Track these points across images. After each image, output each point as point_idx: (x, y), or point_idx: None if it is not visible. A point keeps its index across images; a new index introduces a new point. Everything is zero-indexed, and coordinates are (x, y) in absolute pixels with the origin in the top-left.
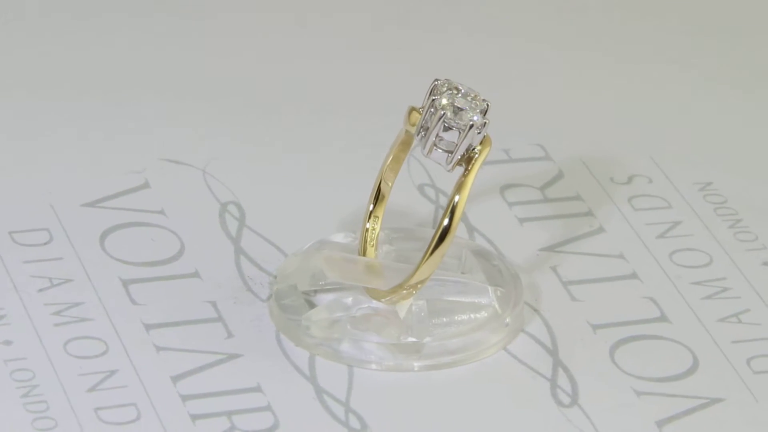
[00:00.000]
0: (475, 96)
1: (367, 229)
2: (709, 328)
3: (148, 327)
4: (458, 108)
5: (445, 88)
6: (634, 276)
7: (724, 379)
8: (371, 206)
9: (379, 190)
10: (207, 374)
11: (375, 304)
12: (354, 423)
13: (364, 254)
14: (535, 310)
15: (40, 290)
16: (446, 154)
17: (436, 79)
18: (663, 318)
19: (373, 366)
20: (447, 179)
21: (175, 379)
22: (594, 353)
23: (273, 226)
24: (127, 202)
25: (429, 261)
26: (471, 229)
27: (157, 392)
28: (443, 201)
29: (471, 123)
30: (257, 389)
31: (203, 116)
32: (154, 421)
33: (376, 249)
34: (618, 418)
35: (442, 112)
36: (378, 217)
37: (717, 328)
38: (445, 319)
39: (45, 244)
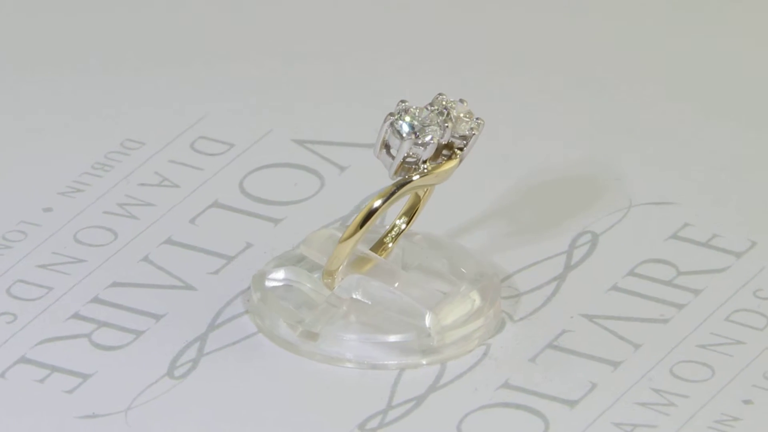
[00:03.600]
0: (461, 119)
1: (393, 227)
2: (595, 426)
3: (165, 242)
4: (414, 120)
5: (436, 102)
6: (616, 365)
7: None
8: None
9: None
10: (138, 291)
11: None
12: (180, 371)
13: (376, 248)
14: (485, 354)
15: (127, 194)
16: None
17: (440, 94)
18: (573, 403)
19: (273, 341)
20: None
21: (114, 285)
22: (461, 405)
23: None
24: (330, 152)
25: (336, 252)
26: (563, 285)
27: (78, 293)
28: (584, 244)
29: (409, 138)
30: (155, 317)
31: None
32: (30, 312)
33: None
34: None
35: (392, 118)
36: (407, 219)
37: (600, 428)
38: (362, 325)
39: (210, 154)
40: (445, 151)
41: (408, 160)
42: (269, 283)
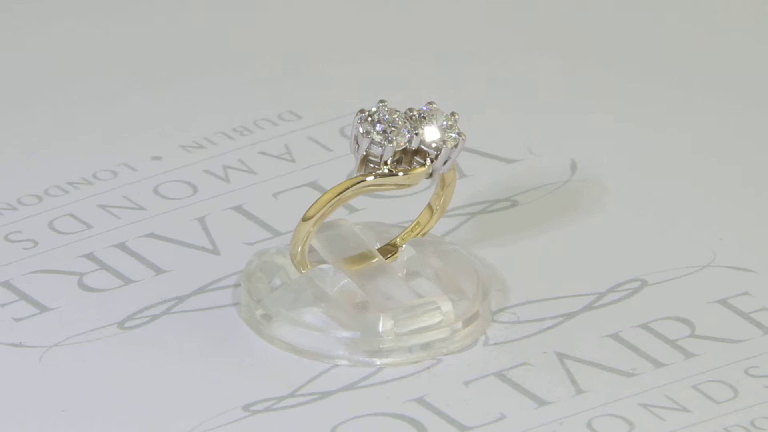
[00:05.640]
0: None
1: (406, 231)
2: None
3: (232, 209)
4: (385, 121)
5: (422, 111)
6: (542, 403)
7: None
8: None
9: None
10: (164, 245)
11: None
12: (132, 323)
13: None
14: (427, 368)
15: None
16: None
17: (431, 102)
18: (466, 429)
19: (240, 315)
20: None
21: (149, 236)
22: (354, 408)
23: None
24: (465, 158)
25: (294, 232)
26: (567, 323)
27: (109, 237)
28: (624, 290)
29: (367, 137)
30: (157, 270)
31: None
32: (49, 244)
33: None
34: None
35: (361, 114)
36: (420, 224)
37: None
38: (322, 315)
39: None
40: (418, 158)
41: (372, 159)
42: (264, 258)
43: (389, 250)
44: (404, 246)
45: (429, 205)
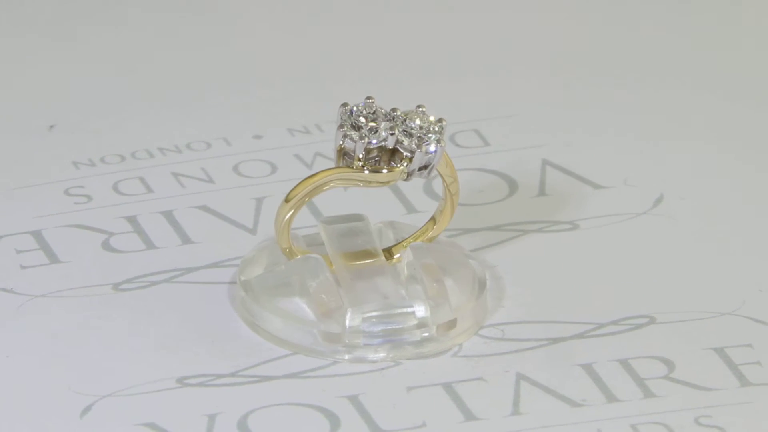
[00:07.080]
0: (416, 132)
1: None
2: None
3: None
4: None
5: (408, 112)
6: (469, 418)
7: None
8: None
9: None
10: (209, 219)
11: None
12: (129, 286)
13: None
14: (382, 369)
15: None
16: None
17: (418, 106)
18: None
19: (231, 295)
20: None
21: (199, 208)
22: (283, 395)
23: None
24: (558, 178)
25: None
26: (548, 347)
27: (159, 204)
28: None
29: (341, 129)
30: (186, 241)
31: None
32: (99, 203)
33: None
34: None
35: (343, 108)
36: (426, 230)
37: None
38: (298, 304)
39: (460, 146)
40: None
41: (349, 153)
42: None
43: (395, 251)
44: (407, 249)
45: (433, 217)
